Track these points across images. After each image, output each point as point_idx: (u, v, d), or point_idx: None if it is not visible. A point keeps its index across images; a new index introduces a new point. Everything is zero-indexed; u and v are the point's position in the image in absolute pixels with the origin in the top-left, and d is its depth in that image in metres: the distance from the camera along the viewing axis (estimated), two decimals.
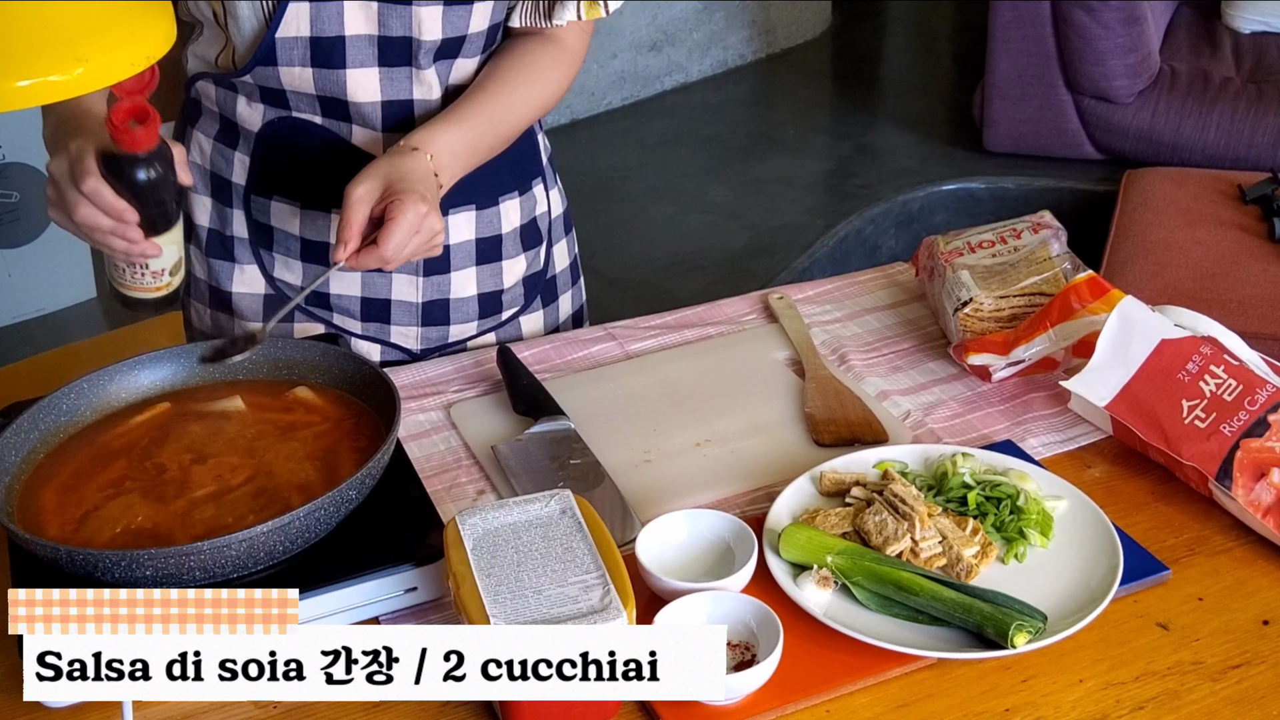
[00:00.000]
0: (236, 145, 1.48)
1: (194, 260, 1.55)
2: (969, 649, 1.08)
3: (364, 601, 1.13)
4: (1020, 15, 3.60)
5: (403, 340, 1.55)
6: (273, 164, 1.46)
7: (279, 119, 1.44)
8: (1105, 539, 1.18)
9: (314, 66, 1.38)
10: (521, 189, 1.56)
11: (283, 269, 1.52)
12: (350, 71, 1.38)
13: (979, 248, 1.53)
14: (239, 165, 1.48)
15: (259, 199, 1.49)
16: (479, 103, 1.42)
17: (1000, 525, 1.20)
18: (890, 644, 1.08)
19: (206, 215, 1.53)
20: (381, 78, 1.39)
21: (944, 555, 1.16)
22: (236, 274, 1.53)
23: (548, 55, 1.47)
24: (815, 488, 1.26)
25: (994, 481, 1.23)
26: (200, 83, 1.48)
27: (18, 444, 1.20)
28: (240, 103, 1.45)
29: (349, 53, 1.37)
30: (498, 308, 1.58)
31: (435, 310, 1.54)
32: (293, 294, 1.51)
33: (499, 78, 1.44)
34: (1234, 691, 1.06)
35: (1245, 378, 1.25)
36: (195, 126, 1.51)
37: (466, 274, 1.54)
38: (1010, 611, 1.07)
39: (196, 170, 1.51)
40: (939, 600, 1.10)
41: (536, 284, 1.62)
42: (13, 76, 0.83)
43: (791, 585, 1.13)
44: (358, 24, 1.36)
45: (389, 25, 1.36)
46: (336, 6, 1.35)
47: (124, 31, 0.88)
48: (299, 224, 1.48)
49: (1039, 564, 1.18)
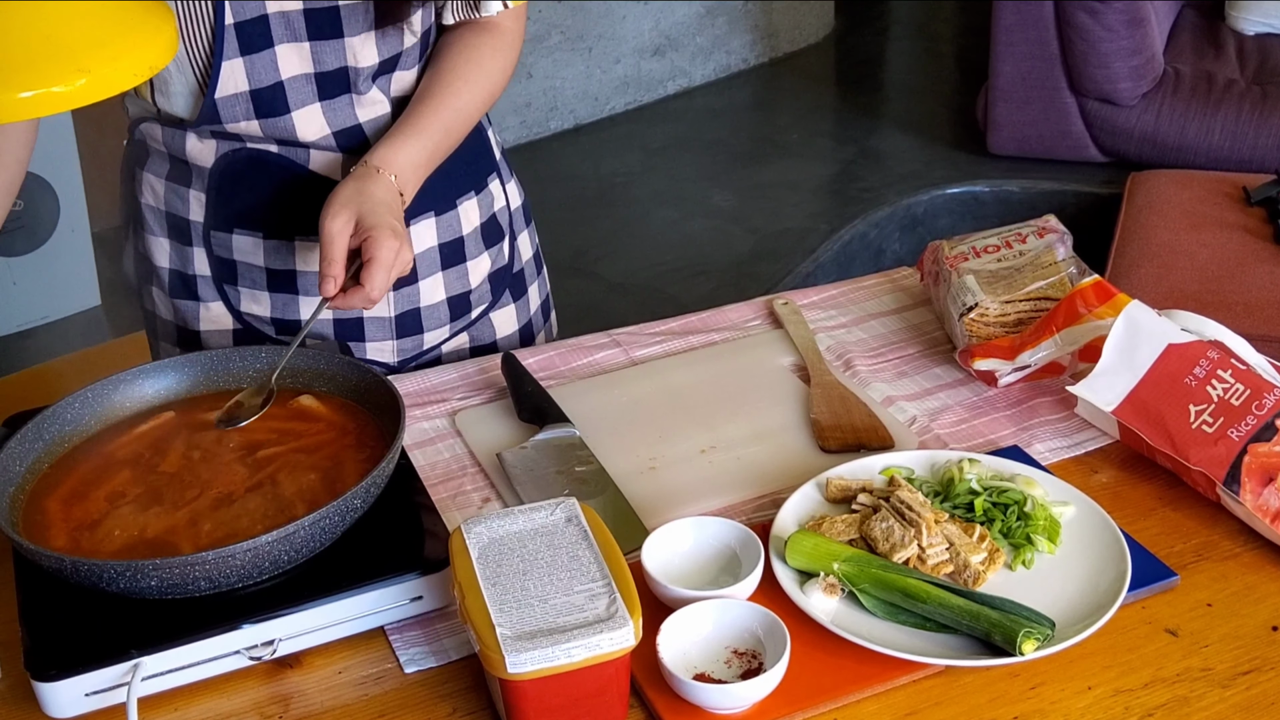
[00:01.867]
0: (190, 182, 1.46)
1: (158, 302, 1.54)
2: (977, 656, 1.08)
3: (369, 611, 1.13)
4: (1023, 18, 3.59)
5: (379, 355, 1.55)
6: (230, 198, 1.45)
7: (232, 151, 1.42)
8: (1113, 545, 1.17)
9: (258, 118, 1.38)
10: (478, 188, 1.56)
11: (250, 302, 1.50)
12: (295, 114, 1.39)
13: (984, 252, 1.53)
14: (195, 202, 1.46)
15: (219, 234, 1.47)
16: (430, 109, 1.42)
17: (1007, 531, 1.20)
18: (898, 652, 1.07)
19: (166, 256, 1.51)
20: (325, 110, 1.39)
21: (951, 562, 1.16)
22: (203, 312, 1.51)
23: (487, 45, 1.46)
24: (821, 494, 1.25)
25: (1001, 487, 1.23)
26: (144, 125, 1.47)
27: (22, 454, 1.20)
28: (190, 140, 1.43)
29: (290, 96, 1.37)
30: (466, 308, 1.58)
31: (408, 321, 1.54)
32: (262, 325, 1.50)
33: (445, 80, 1.44)
34: (1244, 698, 1.06)
35: (1253, 382, 1.25)
36: (144, 169, 1.49)
37: (434, 280, 1.54)
38: (1018, 619, 1.07)
39: (151, 212, 1.50)
40: (946, 607, 1.09)
41: (503, 279, 1.61)
42: (15, 88, 0.83)
43: (798, 593, 1.13)
44: (292, 66, 1.36)
45: (323, 61, 1.37)
46: (269, 55, 1.35)
47: (126, 42, 0.87)
48: (263, 255, 1.46)
49: (1047, 570, 1.17)
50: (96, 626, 1.08)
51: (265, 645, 1.10)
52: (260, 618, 1.09)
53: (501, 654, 0.97)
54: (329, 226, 1.29)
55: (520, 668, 0.98)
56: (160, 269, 1.52)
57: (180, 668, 1.08)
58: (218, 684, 1.10)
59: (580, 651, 0.98)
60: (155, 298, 1.54)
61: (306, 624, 1.11)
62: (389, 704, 1.08)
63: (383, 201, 1.32)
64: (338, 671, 1.12)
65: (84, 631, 1.08)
